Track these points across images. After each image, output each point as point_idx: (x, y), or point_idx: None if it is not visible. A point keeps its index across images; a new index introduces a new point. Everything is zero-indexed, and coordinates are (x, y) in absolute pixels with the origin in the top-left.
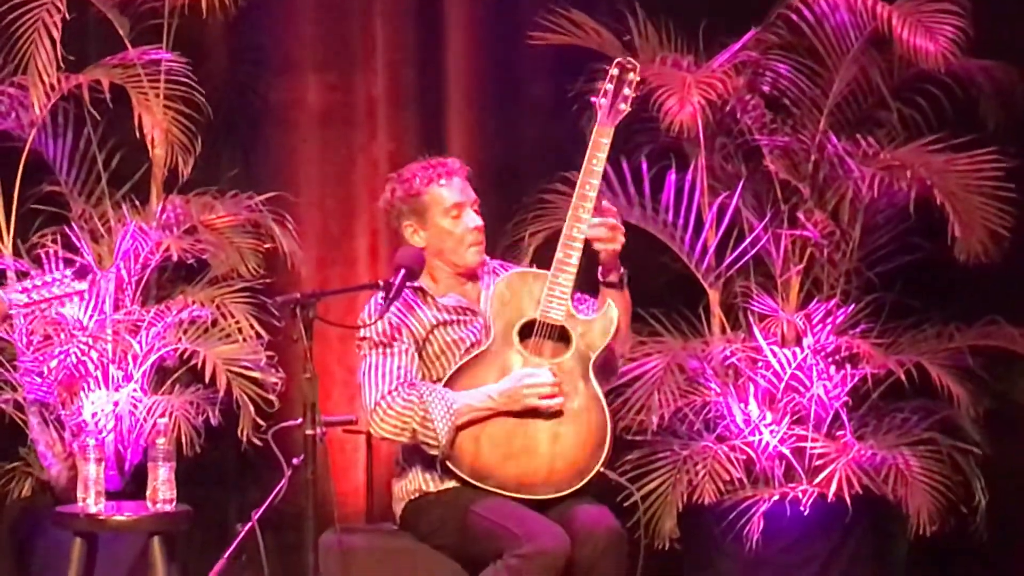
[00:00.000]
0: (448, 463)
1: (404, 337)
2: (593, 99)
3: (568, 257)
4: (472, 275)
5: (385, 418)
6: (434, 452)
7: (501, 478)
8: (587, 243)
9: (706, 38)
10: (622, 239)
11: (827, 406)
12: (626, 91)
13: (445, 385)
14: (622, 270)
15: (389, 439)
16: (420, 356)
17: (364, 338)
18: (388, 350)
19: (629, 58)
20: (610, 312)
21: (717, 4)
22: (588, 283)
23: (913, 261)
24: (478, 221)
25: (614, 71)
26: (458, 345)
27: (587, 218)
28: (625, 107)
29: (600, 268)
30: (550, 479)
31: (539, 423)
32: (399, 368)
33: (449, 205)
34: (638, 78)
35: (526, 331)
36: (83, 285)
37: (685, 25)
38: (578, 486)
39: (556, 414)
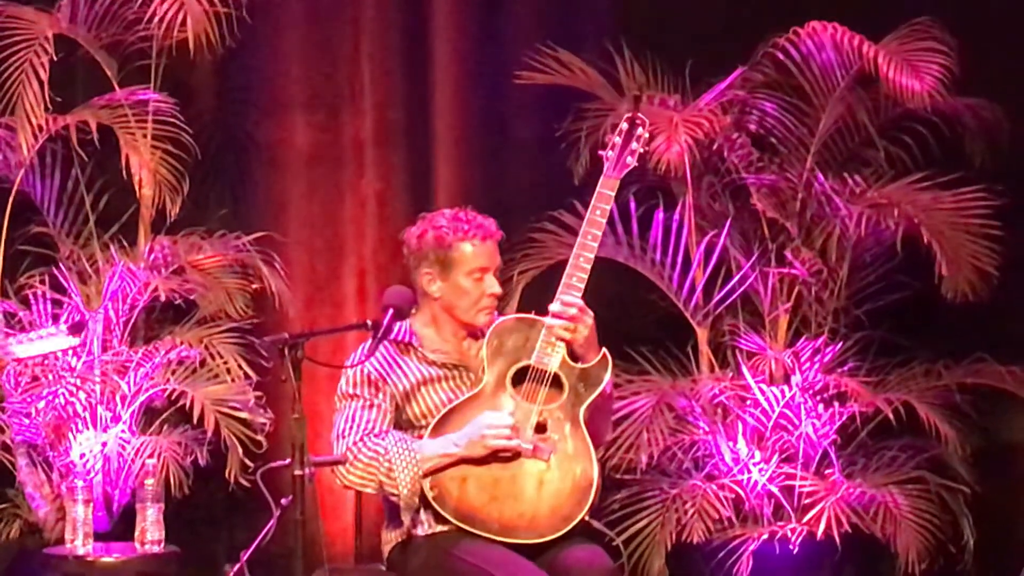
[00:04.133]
0: (434, 503)
1: (380, 394)
2: (600, 152)
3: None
4: (475, 333)
5: (352, 469)
6: (398, 502)
7: (485, 521)
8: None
9: (692, 77)
10: (588, 322)
11: (816, 444)
12: (634, 145)
13: (436, 425)
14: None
15: (355, 489)
16: (405, 414)
17: (341, 390)
18: (363, 403)
19: (640, 113)
20: (605, 361)
21: (703, 43)
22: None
23: (901, 299)
24: (497, 288)
25: (623, 125)
26: (445, 405)
27: (587, 267)
28: (632, 161)
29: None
30: (534, 524)
31: (526, 468)
32: (369, 421)
33: (475, 267)
34: (647, 133)
35: (520, 376)
36: (76, 340)
37: (672, 64)
38: (562, 532)
39: (541, 460)
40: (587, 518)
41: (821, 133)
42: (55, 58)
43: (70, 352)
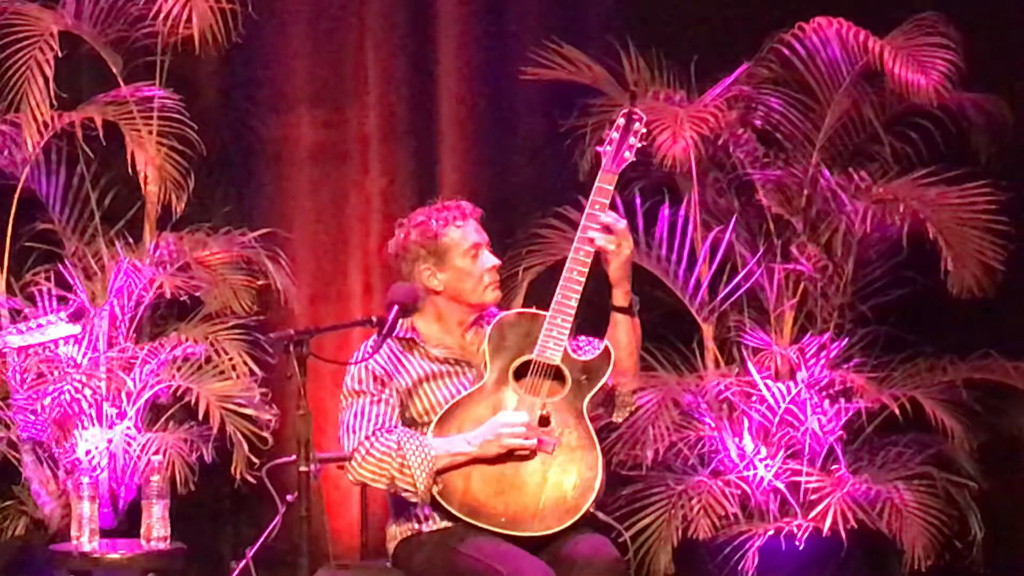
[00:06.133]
0: (439, 498)
1: (387, 390)
2: (598, 148)
3: (567, 299)
4: (480, 319)
5: (363, 464)
6: (413, 499)
7: (490, 514)
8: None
9: (698, 72)
10: (627, 246)
11: (821, 440)
12: (631, 140)
13: (440, 420)
14: (634, 297)
15: (367, 484)
16: (408, 411)
17: (347, 387)
18: (370, 398)
19: (636, 109)
20: (607, 354)
21: (709, 38)
22: (589, 321)
23: (906, 295)
24: (495, 260)
25: (620, 121)
26: (448, 401)
27: (588, 261)
28: (630, 156)
29: (612, 290)
30: (540, 516)
31: (530, 460)
32: (378, 416)
33: (468, 246)
34: (644, 129)
35: (522, 371)
36: (77, 328)
37: (677, 59)
38: (567, 524)
39: (545, 453)
40: (593, 510)
41: (826, 129)
42: (60, 55)
43: (74, 347)
